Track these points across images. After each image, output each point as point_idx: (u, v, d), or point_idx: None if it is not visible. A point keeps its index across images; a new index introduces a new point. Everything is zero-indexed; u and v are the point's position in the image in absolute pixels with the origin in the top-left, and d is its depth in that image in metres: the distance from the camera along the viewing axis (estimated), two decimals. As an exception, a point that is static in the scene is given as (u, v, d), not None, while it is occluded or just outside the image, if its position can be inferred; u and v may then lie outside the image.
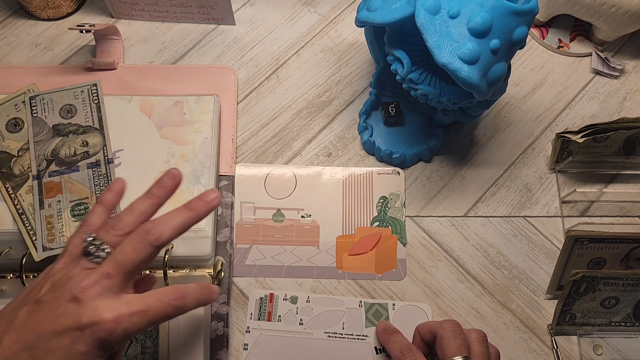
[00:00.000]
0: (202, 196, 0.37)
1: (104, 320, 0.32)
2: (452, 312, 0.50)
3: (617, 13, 0.55)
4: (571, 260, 0.49)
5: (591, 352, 0.49)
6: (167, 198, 0.39)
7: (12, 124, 0.52)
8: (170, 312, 0.35)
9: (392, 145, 0.55)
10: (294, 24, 0.61)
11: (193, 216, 0.37)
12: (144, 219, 0.37)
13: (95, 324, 0.32)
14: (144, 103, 0.54)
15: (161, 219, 0.36)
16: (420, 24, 0.40)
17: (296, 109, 0.57)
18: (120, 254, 0.35)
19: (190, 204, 0.37)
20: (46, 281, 0.35)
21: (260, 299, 0.50)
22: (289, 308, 0.50)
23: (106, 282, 0.34)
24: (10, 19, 0.61)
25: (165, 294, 0.35)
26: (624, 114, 0.58)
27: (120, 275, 0.34)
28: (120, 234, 0.36)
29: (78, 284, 0.33)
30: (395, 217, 0.53)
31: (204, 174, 0.51)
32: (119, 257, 0.35)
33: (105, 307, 0.33)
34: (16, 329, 0.33)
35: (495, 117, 0.58)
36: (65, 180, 0.50)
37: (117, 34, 0.58)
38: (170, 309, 0.35)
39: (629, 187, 0.56)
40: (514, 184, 0.55)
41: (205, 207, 0.37)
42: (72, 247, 0.37)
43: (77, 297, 0.33)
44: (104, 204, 0.39)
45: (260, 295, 0.50)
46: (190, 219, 0.37)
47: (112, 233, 0.36)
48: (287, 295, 0.50)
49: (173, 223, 0.36)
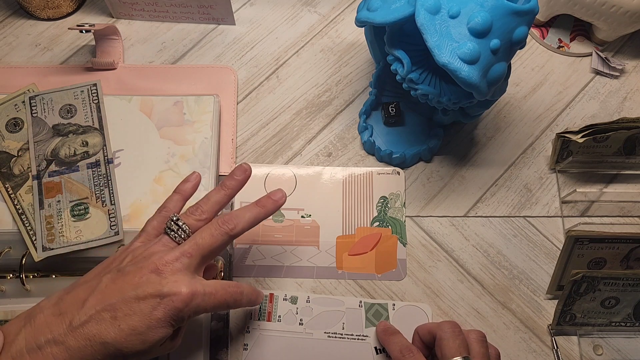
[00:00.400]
0: (271, 195, 0.43)
1: (182, 293, 0.36)
2: (452, 312, 0.50)
3: (617, 13, 0.55)
4: (571, 260, 0.49)
5: (591, 352, 0.49)
6: (238, 190, 0.43)
7: (12, 124, 0.52)
8: (230, 303, 0.40)
9: (392, 145, 0.55)
10: (294, 24, 0.61)
11: (263, 212, 0.42)
12: (219, 208, 0.42)
13: (175, 294, 0.36)
14: (144, 103, 0.54)
15: (236, 212, 0.41)
16: (420, 24, 0.40)
17: (296, 109, 0.57)
18: (199, 237, 0.39)
19: (260, 201, 0.42)
20: (127, 255, 0.39)
21: None
22: (289, 308, 0.49)
23: (186, 260, 0.38)
24: (10, 19, 0.61)
25: (230, 285, 0.40)
26: (624, 114, 0.58)
27: (198, 257, 0.38)
28: (199, 219, 0.41)
29: (161, 257, 0.37)
30: (395, 217, 0.53)
31: (204, 174, 0.51)
32: (198, 240, 0.39)
33: (183, 282, 0.37)
34: (100, 292, 0.36)
35: (495, 117, 0.58)
36: (65, 180, 0.50)
37: (117, 34, 0.58)
38: (230, 300, 0.39)
39: (629, 187, 0.56)
40: (514, 184, 0.55)
41: (273, 205, 0.42)
42: (150, 229, 0.41)
43: (159, 269, 0.37)
44: (180, 192, 0.43)
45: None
46: (260, 215, 0.42)
47: (191, 217, 0.41)
48: (287, 295, 0.50)
49: (246, 217, 0.41)
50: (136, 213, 0.50)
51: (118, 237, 0.48)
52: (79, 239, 0.48)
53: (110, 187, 0.50)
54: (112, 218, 0.49)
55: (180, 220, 0.40)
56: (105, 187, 0.50)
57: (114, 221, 0.48)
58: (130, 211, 0.50)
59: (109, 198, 0.49)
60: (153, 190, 0.50)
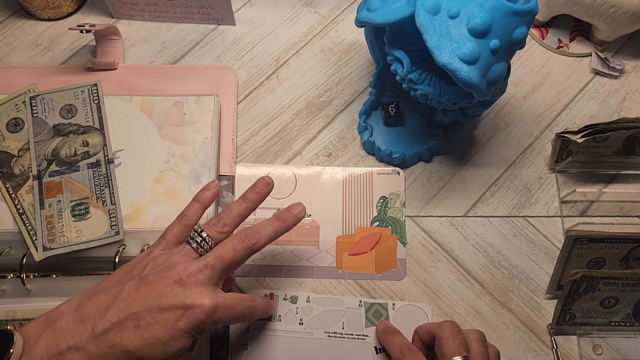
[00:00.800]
0: (290, 209, 0.43)
1: (205, 305, 0.36)
2: (452, 312, 0.50)
3: (617, 13, 0.55)
4: (571, 260, 0.49)
5: (591, 352, 0.49)
6: (259, 203, 0.43)
7: (13, 124, 0.52)
8: (246, 316, 0.41)
9: (392, 145, 0.55)
10: (294, 24, 0.61)
11: (284, 227, 0.42)
12: (240, 220, 0.42)
13: (198, 307, 0.36)
14: (144, 103, 0.54)
15: (258, 227, 0.41)
16: (420, 24, 0.40)
17: (296, 109, 0.57)
18: (222, 250, 0.39)
19: (281, 216, 0.42)
20: (148, 262, 0.39)
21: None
22: (289, 308, 0.50)
23: (209, 272, 0.38)
24: (10, 19, 0.61)
25: (246, 299, 0.41)
26: (623, 114, 0.58)
27: (220, 270, 0.39)
28: (221, 231, 0.40)
29: (185, 269, 0.37)
30: (395, 217, 0.53)
31: (204, 174, 0.51)
32: (221, 252, 0.39)
33: (206, 294, 0.37)
34: (123, 300, 0.36)
35: (495, 117, 0.58)
36: (65, 180, 0.50)
37: (117, 34, 0.58)
38: (246, 312, 0.40)
39: (628, 187, 0.56)
40: (514, 184, 0.55)
41: (293, 219, 0.42)
42: (170, 237, 0.41)
43: (183, 280, 0.37)
44: (200, 201, 0.43)
45: (260, 295, 0.50)
46: (281, 229, 0.42)
47: (214, 229, 0.40)
48: (287, 295, 0.50)
49: (268, 231, 0.41)
50: (136, 213, 0.50)
51: (118, 237, 0.48)
52: (80, 238, 0.48)
53: (111, 187, 0.50)
54: (112, 218, 0.49)
55: (205, 231, 0.40)
56: (106, 187, 0.50)
57: (115, 221, 0.49)
58: (130, 211, 0.50)
59: (109, 198, 0.49)
60: (153, 190, 0.51)
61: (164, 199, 0.50)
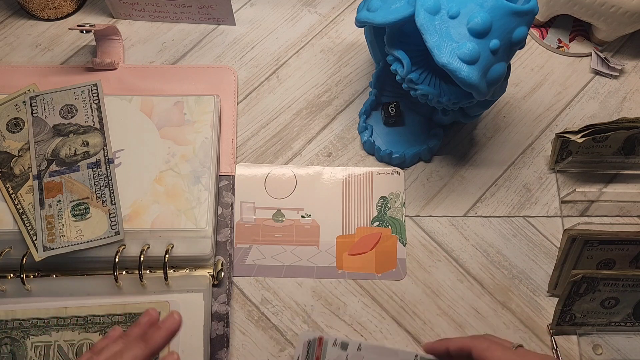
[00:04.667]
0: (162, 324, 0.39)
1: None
2: (452, 312, 0.50)
3: (617, 13, 0.55)
4: (580, 261, 0.49)
5: (591, 352, 0.49)
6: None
7: (13, 124, 0.52)
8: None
9: (392, 145, 0.55)
10: (294, 24, 0.61)
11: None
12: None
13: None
14: (144, 103, 0.54)
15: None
16: (420, 24, 0.40)
17: (296, 109, 0.57)
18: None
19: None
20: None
21: (309, 342, 0.47)
22: (338, 354, 0.46)
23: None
24: (10, 19, 0.61)
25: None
26: (623, 114, 0.58)
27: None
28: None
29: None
30: (395, 217, 0.53)
31: (204, 174, 0.51)
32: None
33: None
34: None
35: (495, 117, 0.58)
36: (65, 180, 0.50)
37: (118, 34, 0.58)
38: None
39: (628, 187, 0.56)
40: (514, 184, 0.55)
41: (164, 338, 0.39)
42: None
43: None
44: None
45: (309, 338, 0.47)
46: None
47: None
48: (337, 340, 0.46)
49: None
50: (137, 213, 0.50)
51: (118, 237, 0.48)
52: (80, 238, 0.48)
53: (111, 187, 0.50)
54: (112, 218, 0.49)
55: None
56: (106, 187, 0.50)
57: (115, 221, 0.49)
58: (130, 211, 0.50)
59: (109, 198, 0.49)
60: (153, 190, 0.51)
61: (164, 199, 0.50)
